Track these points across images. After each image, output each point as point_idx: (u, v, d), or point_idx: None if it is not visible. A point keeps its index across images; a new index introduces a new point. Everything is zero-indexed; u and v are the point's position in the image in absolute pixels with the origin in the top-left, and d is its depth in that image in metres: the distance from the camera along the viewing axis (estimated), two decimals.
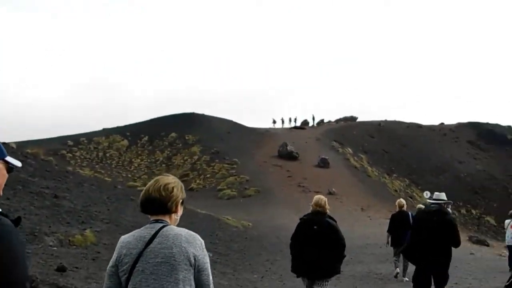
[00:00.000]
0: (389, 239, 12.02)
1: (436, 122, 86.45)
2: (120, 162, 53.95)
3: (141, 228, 2.74)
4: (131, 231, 2.82)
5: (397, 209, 12.11)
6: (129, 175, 48.28)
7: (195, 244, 2.64)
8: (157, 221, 2.71)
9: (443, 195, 7.74)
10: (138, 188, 38.09)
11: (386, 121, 77.24)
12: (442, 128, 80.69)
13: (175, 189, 2.75)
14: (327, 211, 6.80)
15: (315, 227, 6.60)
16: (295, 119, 74.21)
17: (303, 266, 6.76)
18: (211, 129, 56.97)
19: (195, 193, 38.48)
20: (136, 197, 18.86)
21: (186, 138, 55.86)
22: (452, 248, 7.39)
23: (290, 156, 47.73)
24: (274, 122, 72.53)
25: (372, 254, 16.73)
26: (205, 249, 2.69)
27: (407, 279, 11.04)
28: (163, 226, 2.67)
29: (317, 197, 6.90)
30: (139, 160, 53.75)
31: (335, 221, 6.80)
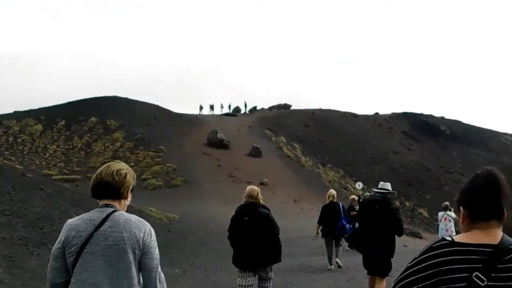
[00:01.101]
0: (319, 231, 12.33)
1: (371, 111, 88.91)
2: (33, 148, 51.18)
3: (90, 212, 2.87)
4: (36, 224, 2.74)
5: (328, 200, 12.34)
6: (44, 163, 45.88)
7: (144, 229, 2.81)
8: (107, 205, 2.88)
9: (388, 185, 8.04)
10: (54, 177, 36.43)
11: (320, 109, 78.41)
12: (377, 118, 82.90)
13: (128, 176, 2.95)
14: (261, 201, 6.96)
15: (246, 218, 6.83)
16: (229, 106, 74.00)
17: (241, 258, 6.94)
18: (135, 114, 55.34)
19: None
20: (47, 187, 17.79)
21: (108, 123, 53.94)
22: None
23: (220, 144, 47.35)
24: (201, 108, 71.96)
25: (304, 247, 16.69)
26: (153, 235, 2.88)
27: (337, 263, 11.96)
28: (114, 211, 2.84)
29: (249, 187, 7.10)
30: (54, 147, 51.19)
31: (268, 210, 7.00)
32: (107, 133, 52.19)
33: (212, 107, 72.68)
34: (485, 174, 2.11)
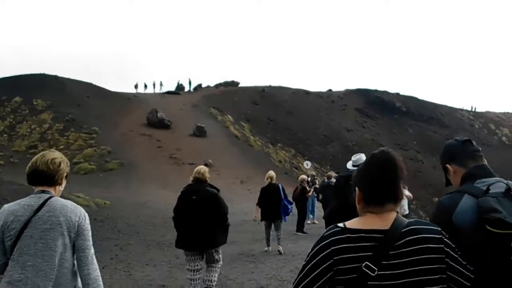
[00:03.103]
0: (259, 213, 12.47)
1: (324, 88, 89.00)
2: None
3: (27, 198, 3.21)
4: None
5: (267, 182, 12.49)
6: None
7: (79, 214, 3.19)
8: (43, 191, 3.22)
9: (362, 157, 7.49)
10: None
11: (270, 86, 77.73)
12: (330, 95, 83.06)
13: (62, 164, 3.30)
14: (208, 179, 7.13)
15: (193, 197, 6.94)
16: (160, 83, 72.28)
17: (188, 239, 7.03)
18: (65, 93, 52.57)
19: None
20: None
21: (34, 103, 51.03)
22: None
23: (161, 124, 46.45)
24: (136, 86, 70.05)
25: (248, 232, 16.00)
26: (87, 219, 3.25)
27: (278, 251, 11.96)
28: (50, 197, 3.20)
29: (198, 167, 7.35)
30: None
31: (218, 190, 7.15)
32: (33, 114, 49.36)
33: (145, 86, 70.97)
34: (381, 155, 2.09)
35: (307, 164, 37.24)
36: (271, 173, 12.86)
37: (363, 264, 1.89)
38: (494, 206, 2.12)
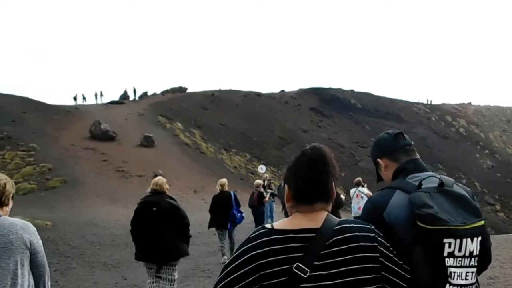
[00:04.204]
0: (210, 221, 12.63)
1: (276, 89, 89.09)
2: None
3: None
4: None
5: (218, 190, 12.66)
6: None
7: (29, 231, 3.35)
8: None
9: None
10: None
11: (220, 90, 77.26)
12: (283, 96, 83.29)
13: (7, 185, 3.49)
14: (166, 190, 7.24)
15: (154, 208, 6.99)
16: (97, 94, 70.78)
17: (147, 252, 7.07)
18: None
19: None
20: None
21: None
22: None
23: (105, 137, 45.25)
24: (75, 99, 68.62)
25: (203, 245, 15.57)
26: (38, 235, 3.43)
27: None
28: None
29: (156, 178, 7.50)
30: None
31: (176, 201, 7.26)
32: None
33: (84, 97, 69.59)
34: (311, 151, 2.05)
35: (262, 168, 36.87)
36: (222, 180, 12.99)
37: (294, 266, 1.84)
38: (425, 201, 2.08)
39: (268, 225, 1.99)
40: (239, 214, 12.24)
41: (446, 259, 2.02)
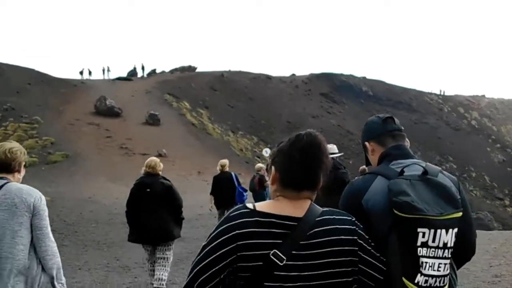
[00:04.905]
0: (213, 202, 12.46)
1: (287, 73, 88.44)
2: None
3: None
4: None
5: (219, 170, 12.62)
6: None
7: (34, 195, 3.56)
8: (1, 178, 3.61)
9: (334, 148, 7.50)
10: None
11: (230, 71, 76.79)
12: (293, 80, 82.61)
13: (19, 152, 3.74)
14: (160, 172, 7.26)
15: (147, 189, 7.04)
16: (105, 69, 70.35)
17: (141, 233, 7.11)
18: (3, 80, 50.38)
19: None
20: None
21: None
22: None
23: (110, 113, 45.10)
24: (81, 73, 67.98)
25: (202, 227, 15.27)
26: (44, 200, 3.63)
27: None
28: (7, 182, 3.59)
29: (149, 159, 7.45)
30: None
31: (170, 182, 7.26)
32: None
33: (90, 72, 68.92)
34: (307, 137, 1.99)
35: (266, 152, 36.43)
36: (223, 161, 12.97)
37: (271, 252, 1.82)
38: (404, 189, 2.04)
39: (250, 205, 1.93)
40: (245, 193, 12.33)
41: (419, 249, 1.97)
